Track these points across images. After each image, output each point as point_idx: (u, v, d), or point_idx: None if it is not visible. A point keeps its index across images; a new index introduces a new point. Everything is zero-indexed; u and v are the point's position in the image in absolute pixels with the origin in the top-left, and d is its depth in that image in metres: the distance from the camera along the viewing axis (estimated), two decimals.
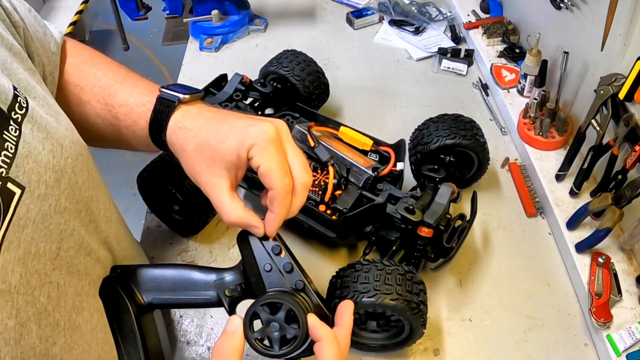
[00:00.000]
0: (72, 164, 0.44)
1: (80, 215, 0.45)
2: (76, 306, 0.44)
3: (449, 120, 0.78)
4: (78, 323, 0.44)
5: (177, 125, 0.51)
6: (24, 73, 0.45)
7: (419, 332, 0.61)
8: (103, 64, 0.59)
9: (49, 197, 0.40)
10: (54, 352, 0.40)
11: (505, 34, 1.11)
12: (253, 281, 0.51)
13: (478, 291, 0.74)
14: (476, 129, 0.78)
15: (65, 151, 0.43)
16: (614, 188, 0.72)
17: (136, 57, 2.79)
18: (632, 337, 0.65)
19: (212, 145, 0.47)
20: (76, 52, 0.60)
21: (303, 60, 0.91)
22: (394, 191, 0.71)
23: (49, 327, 0.40)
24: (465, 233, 0.69)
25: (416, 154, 0.79)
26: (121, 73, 0.58)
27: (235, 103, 0.84)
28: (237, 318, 0.48)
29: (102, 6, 2.85)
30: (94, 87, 0.57)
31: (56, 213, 0.41)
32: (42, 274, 0.40)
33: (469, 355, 0.68)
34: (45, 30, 0.56)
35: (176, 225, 0.80)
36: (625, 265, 0.73)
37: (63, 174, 0.42)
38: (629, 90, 0.68)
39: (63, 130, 0.45)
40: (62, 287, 0.42)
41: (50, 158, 0.41)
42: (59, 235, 0.42)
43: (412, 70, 1.12)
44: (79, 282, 0.45)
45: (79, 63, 0.59)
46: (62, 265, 0.42)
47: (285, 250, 0.51)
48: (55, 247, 0.41)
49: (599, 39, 0.75)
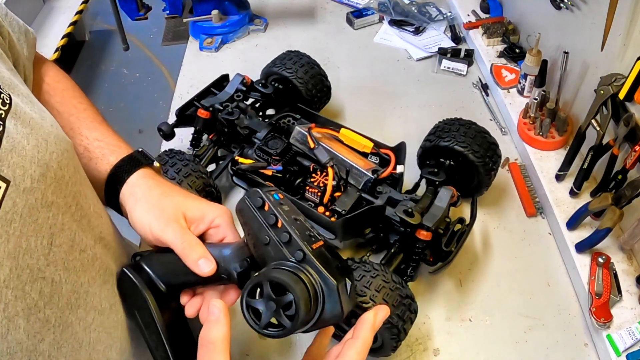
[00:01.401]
0: (58, 158, 0.44)
1: (70, 210, 0.45)
2: (71, 303, 0.44)
3: (473, 130, 0.77)
4: (70, 321, 0.44)
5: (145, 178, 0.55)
6: (7, 72, 0.45)
7: (386, 351, 0.63)
8: (83, 99, 0.62)
9: (35, 191, 0.40)
10: (42, 348, 0.40)
11: (505, 34, 1.11)
12: (255, 255, 0.49)
13: (478, 291, 0.74)
14: (493, 152, 0.78)
15: (50, 146, 0.43)
16: (614, 188, 0.72)
17: (136, 57, 2.79)
18: (632, 337, 0.65)
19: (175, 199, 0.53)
20: (59, 77, 0.62)
21: (307, 62, 0.91)
22: (394, 194, 0.71)
23: (38, 323, 0.40)
24: (464, 237, 0.69)
25: (427, 141, 0.79)
26: (99, 117, 0.61)
27: (236, 103, 0.84)
28: (219, 303, 0.46)
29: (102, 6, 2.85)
30: (70, 116, 0.59)
31: (43, 207, 0.41)
32: (35, 269, 0.40)
33: (469, 355, 0.68)
34: (23, 35, 0.57)
35: None
36: (625, 265, 0.73)
37: (49, 169, 0.42)
38: (629, 90, 0.68)
39: (48, 127, 0.45)
40: (57, 283, 0.42)
41: (35, 153, 0.41)
42: (49, 229, 0.42)
43: (412, 70, 1.12)
44: (77, 278, 0.45)
45: (61, 89, 0.61)
46: (57, 261, 0.42)
47: (282, 218, 0.47)
48: (47, 242, 0.41)
49: (599, 39, 0.75)
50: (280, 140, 0.79)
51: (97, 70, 2.76)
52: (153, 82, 2.68)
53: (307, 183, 0.74)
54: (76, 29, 2.40)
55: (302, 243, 0.46)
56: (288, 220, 0.47)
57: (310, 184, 0.73)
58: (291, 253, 0.46)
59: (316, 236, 0.48)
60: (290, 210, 0.49)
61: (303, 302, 0.43)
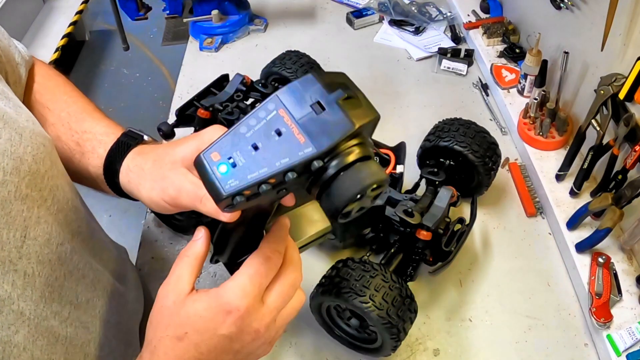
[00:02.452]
0: (33, 152, 0.44)
1: (46, 203, 0.45)
2: (45, 297, 0.44)
3: (472, 130, 0.77)
4: (45, 314, 0.44)
5: (133, 161, 0.52)
6: None
7: (386, 351, 0.63)
8: (73, 93, 0.61)
9: (7, 184, 0.40)
10: (16, 340, 0.40)
11: (505, 34, 1.11)
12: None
13: (478, 291, 0.74)
14: (493, 151, 0.77)
15: (25, 140, 0.44)
16: (614, 188, 0.72)
17: (136, 57, 2.79)
18: (632, 337, 0.65)
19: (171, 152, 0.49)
20: (49, 75, 0.62)
21: (307, 62, 0.91)
22: (394, 194, 0.71)
23: (11, 315, 0.40)
24: (464, 237, 0.69)
25: (427, 141, 0.79)
26: (90, 105, 0.60)
27: (236, 103, 0.84)
28: (203, 229, 0.47)
29: (102, 6, 2.85)
30: (61, 112, 0.58)
31: (17, 200, 0.41)
32: (7, 261, 0.40)
33: (469, 355, 0.68)
34: (10, 42, 0.57)
35: (176, 225, 0.80)
36: (625, 265, 0.73)
37: (22, 162, 0.42)
38: (629, 90, 0.68)
39: (23, 121, 0.45)
40: (29, 276, 0.42)
41: (7, 146, 0.42)
42: (22, 222, 0.42)
43: (412, 70, 1.12)
44: (52, 272, 0.45)
45: (51, 87, 0.60)
46: (30, 254, 0.42)
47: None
48: (20, 235, 0.41)
49: (599, 39, 0.75)
50: None
51: (97, 70, 2.76)
52: (153, 82, 2.68)
53: None
54: (76, 29, 2.40)
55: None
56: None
57: None
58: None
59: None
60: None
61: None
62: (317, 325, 0.69)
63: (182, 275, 0.44)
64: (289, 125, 0.37)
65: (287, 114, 0.38)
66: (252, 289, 0.42)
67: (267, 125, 0.37)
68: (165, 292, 0.44)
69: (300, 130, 0.37)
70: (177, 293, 0.43)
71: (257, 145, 0.37)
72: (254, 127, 0.37)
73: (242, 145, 0.37)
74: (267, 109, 0.38)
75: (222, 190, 0.36)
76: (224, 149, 0.37)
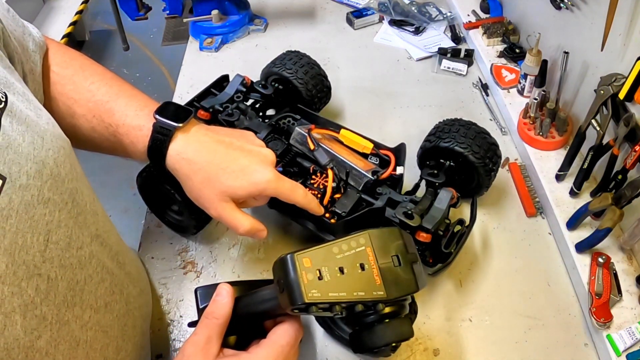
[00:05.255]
0: (54, 155, 0.44)
1: (66, 207, 0.45)
2: (67, 301, 0.44)
3: (472, 131, 0.77)
4: (67, 318, 0.44)
5: (180, 155, 0.58)
6: (3, 70, 0.45)
7: (386, 351, 0.62)
8: (96, 76, 0.61)
9: (31, 188, 0.40)
10: (39, 345, 0.40)
11: (505, 34, 1.11)
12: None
13: (478, 291, 0.74)
14: (493, 152, 0.77)
15: (46, 143, 0.44)
16: (614, 188, 0.72)
17: (136, 57, 2.80)
18: (632, 337, 0.65)
19: (222, 181, 0.57)
20: (66, 62, 0.61)
21: (307, 62, 0.91)
22: (394, 195, 0.71)
23: (34, 320, 0.40)
24: (464, 238, 0.69)
25: (427, 141, 0.79)
26: (114, 87, 0.61)
27: (237, 104, 0.84)
28: (226, 286, 0.50)
29: (102, 6, 2.85)
30: (88, 102, 0.59)
31: (39, 203, 0.41)
32: (31, 265, 0.40)
33: (469, 355, 0.68)
34: (24, 29, 0.57)
35: (175, 225, 0.81)
36: (625, 265, 0.73)
37: (45, 165, 0.42)
38: (629, 90, 0.68)
39: (43, 124, 0.45)
40: (52, 280, 0.42)
41: (30, 149, 0.41)
42: (45, 226, 0.42)
43: (412, 70, 1.12)
44: (73, 276, 0.45)
45: (70, 75, 0.60)
46: (53, 258, 0.42)
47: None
48: (43, 239, 0.41)
49: (599, 39, 0.75)
50: (281, 142, 0.78)
51: None
52: (153, 82, 2.68)
53: (307, 185, 0.74)
54: (76, 29, 2.40)
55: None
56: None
57: (310, 186, 0.73)
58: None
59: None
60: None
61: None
62: (317, 325, 0.69)
63: (212, 337, 0.48)
64: (372, 264, 0.45)
65: (372, 254, 0.45)
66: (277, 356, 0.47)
67: (355, 256, 0.44)
68: (194, 352, 0.47)
69: (379, 272, 0.44)
70: (206, 356, 0.47)
71: (343, 269, 0.43)
72: (345, 253, 0.44)
73: (331, 263, 0.43)
74: (358, 242, 0.46)
75: (304, 296, 0.41)
76: (316, 259, 0.43)
